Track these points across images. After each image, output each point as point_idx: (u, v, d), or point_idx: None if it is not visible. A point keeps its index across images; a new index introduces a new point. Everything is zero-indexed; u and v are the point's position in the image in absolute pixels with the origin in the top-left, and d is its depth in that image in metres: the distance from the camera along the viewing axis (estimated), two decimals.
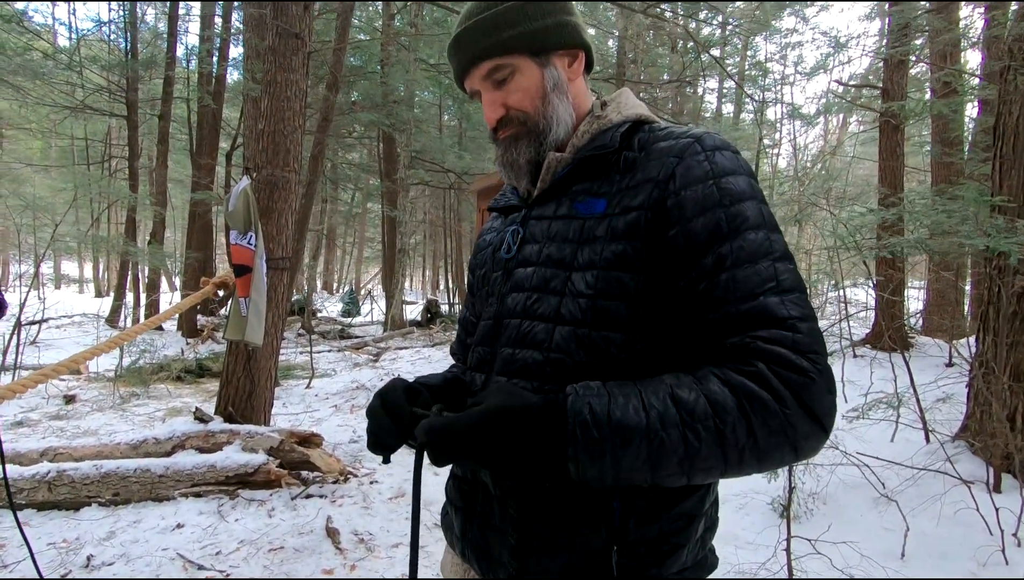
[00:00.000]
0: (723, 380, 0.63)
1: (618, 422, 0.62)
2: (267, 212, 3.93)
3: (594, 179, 0.80)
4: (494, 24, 0.80)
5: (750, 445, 0.61)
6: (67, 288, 26.59)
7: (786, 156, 18.11)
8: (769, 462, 0.63)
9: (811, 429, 0.62)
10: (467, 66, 0.83)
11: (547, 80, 0.82)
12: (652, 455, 0.61)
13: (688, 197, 0.71)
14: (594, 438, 0.61)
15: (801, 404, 0.61)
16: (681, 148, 0.75)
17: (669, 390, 0.64)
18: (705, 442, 0.61)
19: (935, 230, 3.50)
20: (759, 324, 0.64)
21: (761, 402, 0.61)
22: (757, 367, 0.62)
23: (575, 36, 0.84)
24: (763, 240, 0.68)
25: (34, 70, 9.83)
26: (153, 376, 6.65)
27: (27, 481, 3.10)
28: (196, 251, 10.63)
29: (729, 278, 0.66)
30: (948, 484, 2.96)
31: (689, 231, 0.70)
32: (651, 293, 0.72)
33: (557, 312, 0.75)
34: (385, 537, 2.94)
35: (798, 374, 0.61)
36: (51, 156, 18.40)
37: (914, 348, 6.19)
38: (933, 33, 6.84)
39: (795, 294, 0.66)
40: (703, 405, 0.61)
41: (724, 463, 0.62)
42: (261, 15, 4.17)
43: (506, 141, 0.84)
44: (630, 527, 0.71)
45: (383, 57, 10.91)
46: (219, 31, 10.74)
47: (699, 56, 10.29)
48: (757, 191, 0.73)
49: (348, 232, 25.40)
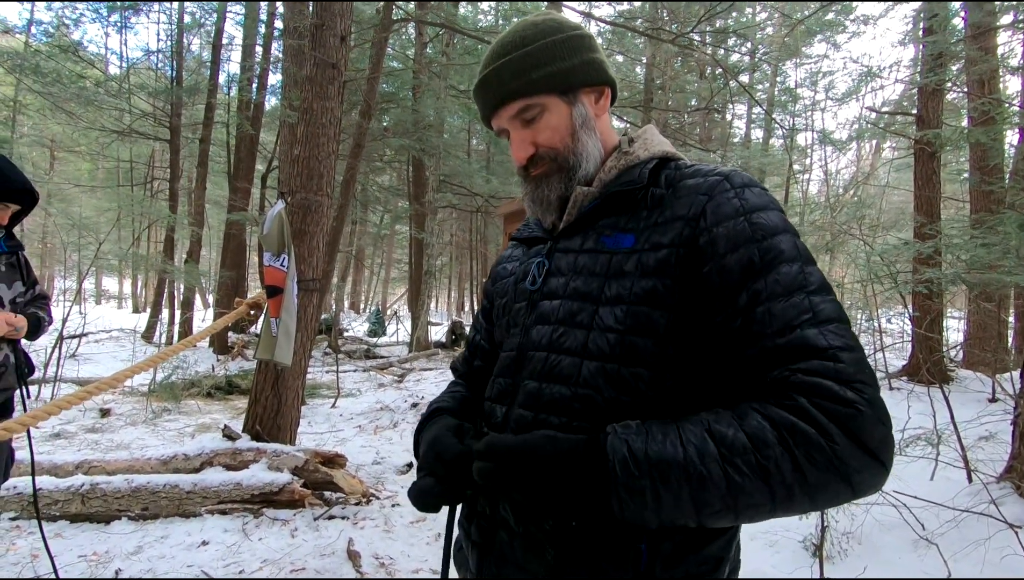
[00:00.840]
0: (763, 414, 0.62)
1: (656, 458, 0.61)
2: (299, 235, 4.04)
3: (621, 214, 0.81)
4: (522, 65, 0.81)
5: (798, 481, 0.59)
6: (107, 303, 27.54)
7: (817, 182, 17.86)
8: (823, 499, 0.61)
9: (864, 463, 0.59)
10: (496, 106, 0.84)
11: (575, 117, 0.84)
12: (693, 491, 0.60)
13: (720, 234, 0.71)
14: (633, 475, 0.61)
15: (850, 436, 0.59)
16: (710, 185, 0.76)
17: (706, 425, 0.63)
18: (747, 477, 0.59)
19: (974, 264, 3.40)
20: (798, 356, 0.63)
21: (803, 435, 0.59)
22: (799, 402, 0.61)
23: (601, 73, 0.85)
24: (797, 273, 0.68)
25: (86, 97, 10.37)
26: (185, 392, 6.81)
27: (62, 493, 3.19)
28: (230, 270, 10.93)
29: (764, 312, 0.66)
30: (993, 528, 2.82)
31: (723, 268, 0.70)
32: (681, 330, 0.72)
33: (584, 346, 0.75)
34: (406, 562, 2.93)
35: (843, 405, 0.59)
36: (98, 177, 19.27)
37: (954, 382, 5.96)
38: (969, 62, 6.73)
39: (834, 324, 0.65)
40: (741, 439, 0.60)
41: (772, 500, 0.60)
42: (300, 46, 4.34)
43: (537, 178, 0.86)
44: (656, 570, 0.70)
45: (415, 84, 11.20)
46: (259, 60, 11.20)
47: (727, 83, 10.30)
48: (789, 225, 0.73)
49: (376, 253, 25.82)
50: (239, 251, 11.86)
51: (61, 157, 19.29)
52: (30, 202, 2.20)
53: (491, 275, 1.06)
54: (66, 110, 10.83)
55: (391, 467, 4.34)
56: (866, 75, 9.55)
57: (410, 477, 4.16)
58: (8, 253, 2.18)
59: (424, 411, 0.98)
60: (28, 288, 2.26)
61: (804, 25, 11.65)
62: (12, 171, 2.09)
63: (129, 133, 11.68)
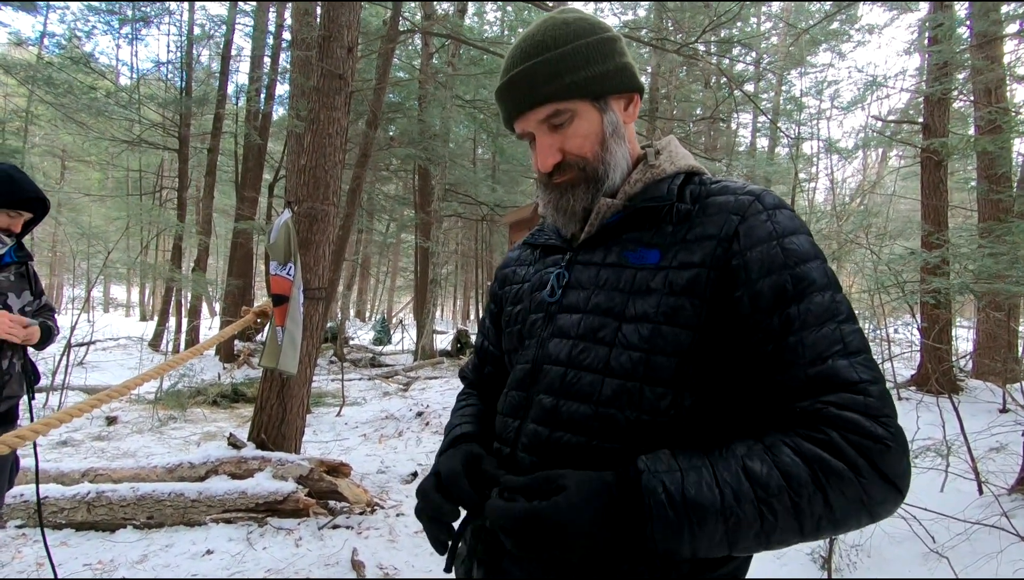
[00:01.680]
0: (795, 450, 0.62)
1: (693, 501, 0.61)
2: (306, 244, 4.06)
3: (645, 229, 0.79)
4: (556, 68, 0.77)
5: (826, 514, 0.60)
6: (115, 311, 27.73)
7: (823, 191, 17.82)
8: (844, 528, 0.63)
9: (887, 494, 0.61)
10: (524, 109, 0.80)
11: (607, 125, 0.80)
12: (728, 532, 0.61)
13: (753, 258, 0.70)
14: (670, 518, 0.61)
15: (877, 471, 0.60)
16: (741, 205, 0.74)
17: (741, 463, 0.63)
18: (780, 516, 0.60)
19: (982, 274, 3.38)
20: (829, 388, 0.63)
21: (837, 474, 0.60)
22: (830, 436, 0.61)
23: (632, 80, 0.82)
24: (829, 302, 0.68)
25: (97, 108, 10.50)
26: (191, 400, 6.83)
27: (68, 501, 3.20)
28: (237, 279, 10.98)
29: (797, 341, 0.66)
30: (1005, 541, 2.78)
31: (756, 293, 0.69)
32: (704, 351, 0.71)
33: (607, 364, 0.73)
34: (410, 572, 2.91)
35: (873, 441, 0.61)
36: (107, 187, 19.46)
37: (964, 392, 5.90)
38: (975, 71, 6.71)
39: (863, 356, 0.65)
40: (776, 478, 0.61)
41: (800, 533, 0.62)
42: (308, 57, 4.38)
43: (563, 187, 0.82)
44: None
45: (421, 94, 11.29)
46: (267, 71, 11.32)
47: (733, 92, 10.32)
48: (819, 250, 0.72)
49: (382, 261, 25.91)
50: (246, 260, 11.92)
51: (71, 167, 19.54)
52: (41, 211, 2.22)
53: (497, 277, 1.02)
54: (77, 121, 10.96)
55: (396, 476, 4.33)
56: (871, 84, 9.53)
57: (415, 486, 4.13)
58: (18, 263, 2.20)
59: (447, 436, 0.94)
60: (36, 298, 2.28)
61: (809, 34, 11.68)
62: (24, 180, 2.12)
63: (139, 143, 11.81)
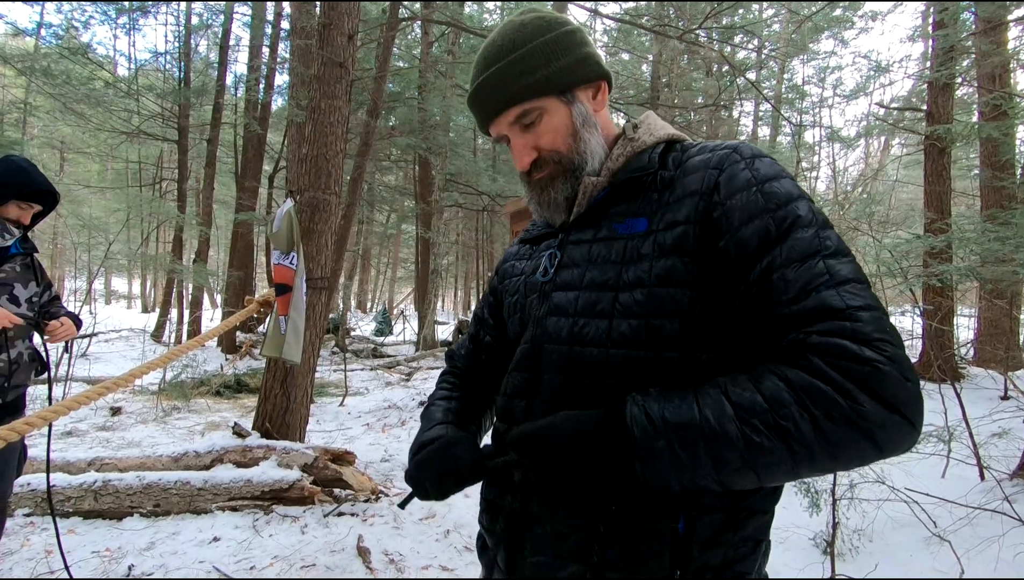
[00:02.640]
0: (779, 376, 0.62)
1: (673, 420, 0.63)
2: (308, 233, 4.06)
3: (631, 200, 0.80)
4: (516, 70, 0.79)
5: (818, 439, 0.59)
6: (116, 303, 27.77)
7: (825, 179, 17.75)
8: (846, 457, 0.60)
9: (887, 418, 0.58)
10: (493, 115, 0.83)
11: (576, 117, 0.82)
12: (711, 450, 0.61)
13: (734, 206, 0.71)
14: (651, 437, 0.63)
15: (871, 394, 0.58)
16: (720, 159, 0.75)
17: (722, 388, 0.64)
18: (765, 436, 0.60)
19: (986, 258, 3.37)
20: (815, 319, 0.62)
21: (819, 392, 0.59)
22: (812, 362, 0.60)
23: (596, 68, 0.84)
24: (812, 237, 0.67)
25: (96, 98, 10.45)
26: (194, 391, 6.85)
27: (75, 490, 3.22)
28: (238, 270, 10.98)
29: (779, 278, 0.66)
30: (1007, 525, 2.80)
31: (739, 241, 0.69)
32: (705, 307, 0.71)
33: (608, 335, 0.74)
34: (415, 559, 2.93)
35: (861, 364, 0.58)
36: (107, 178, 19.41)
37: (966, 379, 5.91)
38: (980, 56, 6.66)
39: (852, 284, 0.64)
40: (758, 400, 0.61)
41: (792, 458, 0.60)
42: (308, 46, 4.36)
43: (542, 182, 0.85)
44: (693, 553, 0.70)
45: (421, 83, 11.22)
46: (266, 60, 11.25)
47: (735, 80, 10.24)
48: (802, 191, 0.72)
49: (383, 253, 25.89)
50: (247, 251, 11.92)
51: (71, 158, 19.48)
52: (51, 203, 2.24)
53: (498, 272, 1.04)
54: (76, 112, 10.92)
55: (399, 465, 4.35)
56: (875, 71, 9.46)
57: None
58: (23, 254, 2.21)
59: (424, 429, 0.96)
60: (44, 289, 2.29)
61: (812, 21, 11.56)
62: (35, 172, 2.14)
63: (138, 134, 11.77)
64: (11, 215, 2.09)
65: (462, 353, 1.09)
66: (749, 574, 0.73)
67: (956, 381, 5.17)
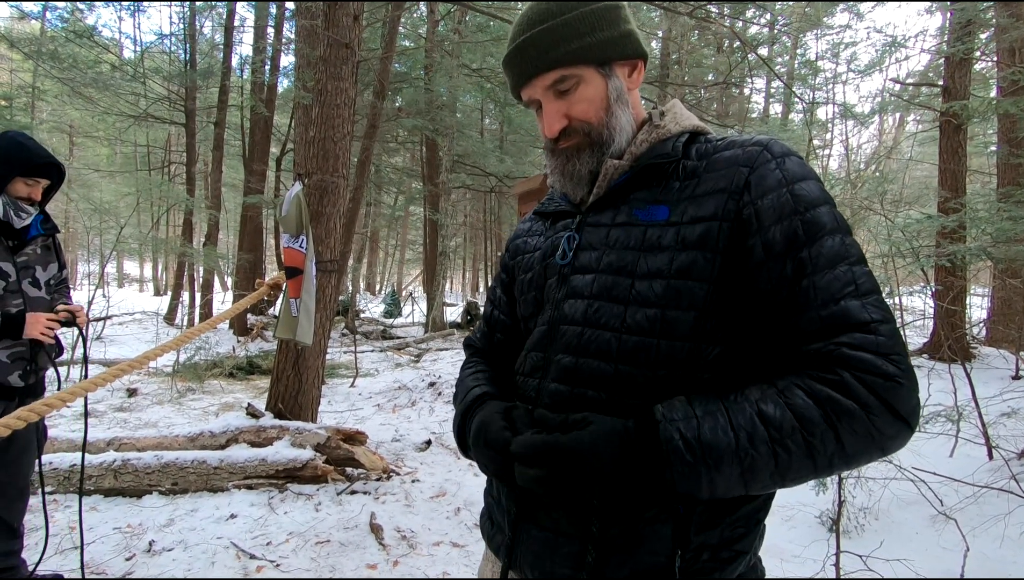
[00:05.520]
0: (807, 392, 0.64)
1: (708, 445, 0.64)
2: (317, 216, 4.07)
3: (652, 187, 0.80)
4: (561, 34, 0.79)
5: (838, 451, 0.63)
6: (129, 287, 28.09)
7: (838, 157, 17.49)
8: (856, 463, 0.65)
9: (897, 430, 0.63)
10: (531, 76, 0.82)
11: (611, 91, 0.82)
12: (744, 473, 0.64)
13: (764, 206, 0.71)
14: (688, 462, 0.64)
15: (888, 409, 0.62)
16: (750, 156, 0.75)
17: (755, 407, 0.65)
18: (795, 455, 0.63)
19: (1000, 237, 3.33)
20: (841, 329, 0.65)
21: (848, 412, 0.62)
22: (842, 376, 0.63)
23: (636, 46, 0.84)
24: (839, 245, 0.69)
25: (103, 82, 10.46)
26: (207, 372, 6.97)
27: (95, 468, 3.30)
28: (248, 253, 11.05)
29: (809, 284, 0.67)
30: (1013, 503, 2.81)
31: (768, 240, 0.70)
32: (721, 303, 0.72)
33: (623, 321, 0.75)
34: (427, 535, 3.00)
35: (884, 379, 0.62)
36: (116, 162, 19.51)
37: (976, 359, 5.88)
38: (999, 29, 6.48)
39: (874, 297, 0.66)
40: (790, 420, 0.63)
41: (814, 470, 0.64)
42: (313, 26, 4.33)
43: (568, 151, 0.84)
44: (692, 533, 0.71)
45: (427, 64, 11.11)
46: (272, 42, 11.17)
47: (746, 56, 10.06)
48: (828, 195, 0.73)
49: (391, 235, 25.92)
50: (256, 234, 11.98)
51: (79, 143, 19.55)
52: (58, 177, 2.19)
53: (509, 248, 1.04)
54: (84, 95, 10.94)
55: (410, 444, 4.42)
56: (890, 45, 9.24)
57: (429, 454, 4.23)
58: (44, 235, 2.22)
59: (464, 398, 0.93)
60: (59, 271, 2.31)
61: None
62: (34, 145, 2.08)
63: (145, 117, 11.78)
64: (21, 193, 2.05)
65: (478, 336, 1.09)
66: (747, 552, 0.75)
67: (967, 361, 5.14)
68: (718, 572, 0.73)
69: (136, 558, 2.67)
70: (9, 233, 2.09)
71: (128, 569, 2.58)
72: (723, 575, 0.73)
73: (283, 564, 2.65)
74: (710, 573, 0.73)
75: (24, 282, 2.11)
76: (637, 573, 0.72)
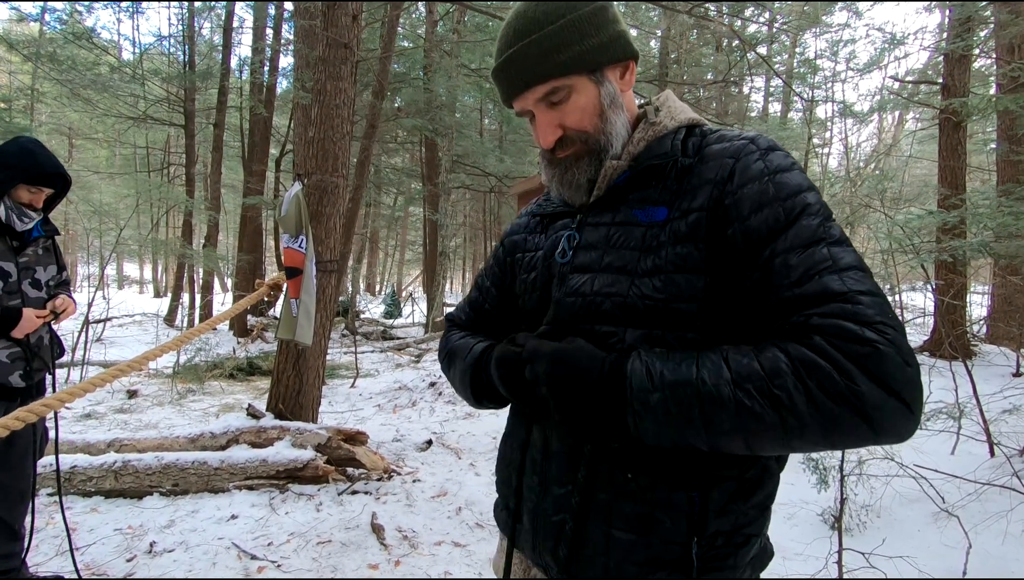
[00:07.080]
0: (779, 349, 0.64)
1: (671, 377, 0.65)
2: (316, 216, 4.07)
3: (651, 187, 0.81)
4: (550, 45, 0.77)
5: (811, 411, 0.59)
6: (128, 288, 28.06)
7: (837, 156, 17.49)
8: (839, 434, 0.60)
9: (884, 400, 0.58)
10: (521, 89, 0.81)
11: (604, 97, 0.81)
12: (703, 410, 0.63)
13: (745, 195, 0.72)
14: (647, 390, 0.65)
15: (870, 375, 0.58)
16: (736, 149, 0.76)
17: (723, 354, 0.66)
18: (757, 401, 0.61)
19: (1001, 233, 3.32)
20: (818, 301, 0.64)
21: (817, 367, 0.60)
22: (814, 340, 0.62)
23: (626, 47, 0.83)
24: (817, 226, 0.68)
25: (102, 83, 10.44)
26: (208, 374, 6.96)
27: (96, 470, 3.30)
28: (247, 254, 11.04)
29: (782, 263, 0.67)
30: (1015, 500, 2.81)
31: (747, 229, 0.70)
32: (719, 293, 0.73)
33: (627, 317, 0.77)
34: (428, 535, 3.00)
35: (861, 345, 0.59)
36: (116, 164, 19.48)
37: (977, 356, 5.88)
38: (998, 26, 6.48)
39: (854, 271, 0.65)
40: (755, 368, 0.62)
41: (783, 428, 0.61)
42: (312, 27, 4.32)
43: (567, 161, 0.84)
44: (708, 519, 0.73)
45: (426, 64, 11.10)
46: (270, 42, 11.16)
47: (745, 55, 10.06)
48: (811, 184, 0.73)
49: (390, 235, 25.90)
50: (256, 235, 11.96)
51: (79, 145, 19.54)
52: (63, 186, 2.21)
53: (505, 244, 1.03)
54: (83, 97, 10.92)
55: (411, 444, 4.42)
56: (889, 43, 9.24)
57: (430, 454, 4.23)
58: (44, 237, 2.23)
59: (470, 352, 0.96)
60: (59, 271, 2.32)
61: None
62: (44, 155, 2.09)
63: (144, 119, 11.76)
64: (23, 199, 2.05)
65: (463, 318, 1.09)
66: (757, 536, 0.78)
67: (968, 358, 5.14)
68: (732, 557, 0.75)
69: (137, 559, 2.66)
70: (12, 234, 2.09)
71: (129, 570, 2.58)
72: (737, 559, 0.76)
73: (284, 564, 2.65)
74: (725, 558, 0.75)
75: (24, 282, 2.11)
76: (655, 559, 0.74)
